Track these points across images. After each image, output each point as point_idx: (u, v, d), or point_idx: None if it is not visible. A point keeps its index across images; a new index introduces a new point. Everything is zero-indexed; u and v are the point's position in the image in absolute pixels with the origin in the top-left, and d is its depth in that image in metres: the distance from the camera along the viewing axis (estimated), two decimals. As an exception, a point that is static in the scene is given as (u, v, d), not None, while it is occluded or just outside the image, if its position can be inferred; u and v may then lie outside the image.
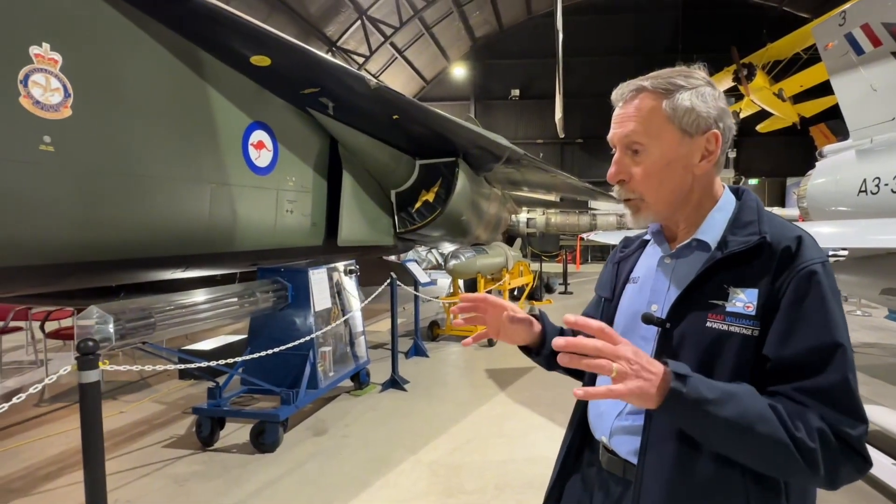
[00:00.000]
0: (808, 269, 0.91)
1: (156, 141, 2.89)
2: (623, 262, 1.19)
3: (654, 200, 1.01)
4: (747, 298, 0.92)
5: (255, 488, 3.15)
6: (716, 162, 1.01)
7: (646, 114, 0.98)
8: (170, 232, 3.06)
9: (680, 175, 0.99)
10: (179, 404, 4.61)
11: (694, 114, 0.96)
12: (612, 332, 0.86)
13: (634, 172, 1.00)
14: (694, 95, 0.97)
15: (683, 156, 0.98)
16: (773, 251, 0.94)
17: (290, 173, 4.07)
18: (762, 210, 1.02)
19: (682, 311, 0.98)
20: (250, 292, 3.79)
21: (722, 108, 1.00)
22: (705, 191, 1.03)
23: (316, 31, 15.79)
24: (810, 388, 0.86)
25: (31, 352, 6.16)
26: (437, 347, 6.63)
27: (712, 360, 0.93)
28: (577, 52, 20.01)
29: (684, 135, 0.97)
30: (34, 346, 6.07)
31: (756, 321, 0.91)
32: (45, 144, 2.34)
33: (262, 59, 3.40)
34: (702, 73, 1.01)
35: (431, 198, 5.47)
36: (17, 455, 3.66)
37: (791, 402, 0.86)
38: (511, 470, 3.36)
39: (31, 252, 2.43)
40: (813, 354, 0.87)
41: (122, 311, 2.74)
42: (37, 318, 5.46)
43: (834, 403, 0.85)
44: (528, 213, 12.66)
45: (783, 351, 0.88)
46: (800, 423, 0.84)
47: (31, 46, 2.27)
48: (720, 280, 0.95)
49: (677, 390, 0.83)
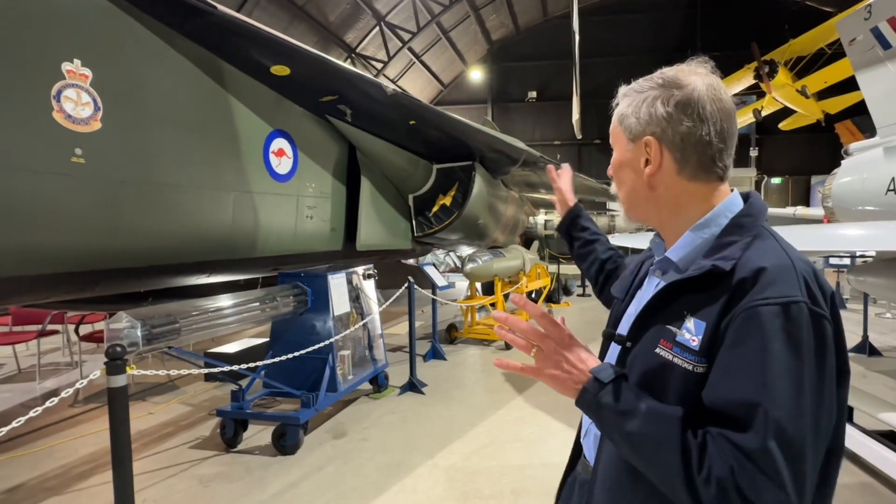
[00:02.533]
0: (756, 309, 0.80)
1: (181, 151, 2.97)
2: (646, 262, 1.16)
3: (621, 198, 1.06)
4: (694, 331, 0.86)
5: (276, 490, 3.21)
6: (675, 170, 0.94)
7: (614, 116, 1.04)
8: (195, 239, 3.14)
9: (632, 178, 1.01)
10: (205, 406, 4.73)
11: (629, 119, 0.98)
12: (551, 318, 0.95)
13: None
14: (633, 100, 0.97)
15: (630, 160, 1.00)
16: (729, 282, 0.84)
17: (309, 180, 4.14)
18: (755, 227, 0.91)
19: (640, 332, 0.95)
20: (271, 297, 3.87)
21: (660, 115, 0.92)
22: (673, 201, 0.97)
23: (335, 39, 16.01)
24: (733, 441, 0.78)
25: (66, 353, 6.39)
26: (454, 351, 6.66)
27: (656, 387, 0.89)
28: (594, 53, 19.90)
29: (628, 139, 1.00)
30: (69, 349, 6.30)
31: (700, 357, 0.85)
32: (77, 157, 2.43)
33: (282, 69, 3.47)
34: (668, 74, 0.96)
35: (448, 202, 5.50)
36: (53, 454, 3.80)
37: (719, 447, 0.79)
38: (528, 476, 3.36)
39: (64, 260, 2.52)
40: (736, 409, 0.79)
41: (150, 317, 2.83)
42: (72, 322, 5.69)
43: (752, 466, 0.76)
44: (545, 214, 12.60)
45: (712, 395, 0.82)
46: (707, 468, 0.78)
47: (63, 63, 2.37)
48: (681, 304, 0.90)
49: (587, 390, 0.90)
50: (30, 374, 5.70)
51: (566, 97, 15.15)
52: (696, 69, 0.97)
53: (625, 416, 0.85)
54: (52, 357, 6.35)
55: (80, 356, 5.67)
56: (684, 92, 0.93)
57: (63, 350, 6.49)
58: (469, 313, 7.36)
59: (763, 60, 13.60)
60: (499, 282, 7.11)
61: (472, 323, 7.33)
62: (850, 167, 4.78)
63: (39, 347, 5.59)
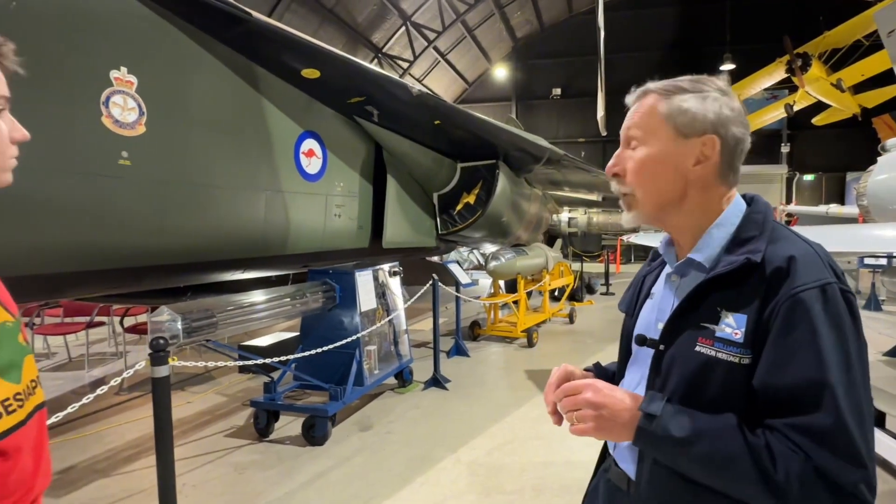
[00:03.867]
0: (798, 295, 0.84)
1: (218, 152, 3.11)
2: (648, 276, 1.18)
3: (642, 197, 1.00)
4: (736, 324, 0.89)
5: (306, 479, 3.33)
6: (718, 171, 0.97)
7: (645, 111, 0.99)
8: (230, 237, 3.28)
9: (670, 176, 0.98)
10: (239, 397, 4.89)
11: (689, 115, 0.95)
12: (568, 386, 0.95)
13: (629, 167, 1.01)
14: (694, 98, 0.96)
15: (674, 156, 0.97)
16: (763, 273, 0.88)
17: (338, 179, 4.25)
18: (768, 223, 0.96)
19: (674, 334, 0.96)
20: (301, 293, 4.00)
21: (727, 116, 0.96)
22: (703, 201, 0.99)
23: (363, 39, 16.23)
24: (802, 426, 0.81)
25: (112, 344, 6.72)
26: (477, 347, 6.71)
27: (700, 386, 0.91)
28: (620, 49, 19.61)
29: (678, 135, 0.96)
30: (115, 339, 6.62)
31: (745, 349, 0.88)
32: (123, 159, 2.58)
33: (312, 72, 3.58)
34: (717, 82, 0.99)
35: (472, 200, 5.57)
36: (102, 439, 4.01)
37: (783, 440, 0.82)
38: (549, 473, 3.39)
39: (111, 257, 2.68)
40: (802, 392, 0.82)
41: (189, 311, 2.98)
42: (117, 314, 6.00)
43: (828, 445, 0.80)
44: (569, 212, 12.54)
45: (771, 384, 0.85)
46: (782, 467, 0.81)
47: (111, 70, 2.52)
48: (712, 302, 0.92)
49: (644, 429, 0.88)
50: (79, 362, 5.99)
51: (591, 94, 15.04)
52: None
53: (687, 443, 0.85)
54: (98, 347, 6.67)
55: (124, 347, 6.00)
56: (736, 100, 0.98)
57: (109, 341, 6.83)
58: (492, 311, 7.41)
59: (796, 53, 13.24)
60: (521, 279, 7.15)
61: (495, 320, 7.39)
62: (887, 164, 4.66)
63: (88, 338, 5.89)
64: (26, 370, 0.90)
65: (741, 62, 17.25)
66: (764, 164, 19.12)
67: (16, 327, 0.91)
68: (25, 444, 0.85)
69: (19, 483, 0.84)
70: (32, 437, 0.88)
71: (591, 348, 6.69)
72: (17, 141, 0.87)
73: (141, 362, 2.56)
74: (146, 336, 3.21)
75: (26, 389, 0.88)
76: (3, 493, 0.81)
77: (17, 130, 0.87)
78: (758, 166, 18.62)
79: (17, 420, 0.84)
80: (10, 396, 0.84)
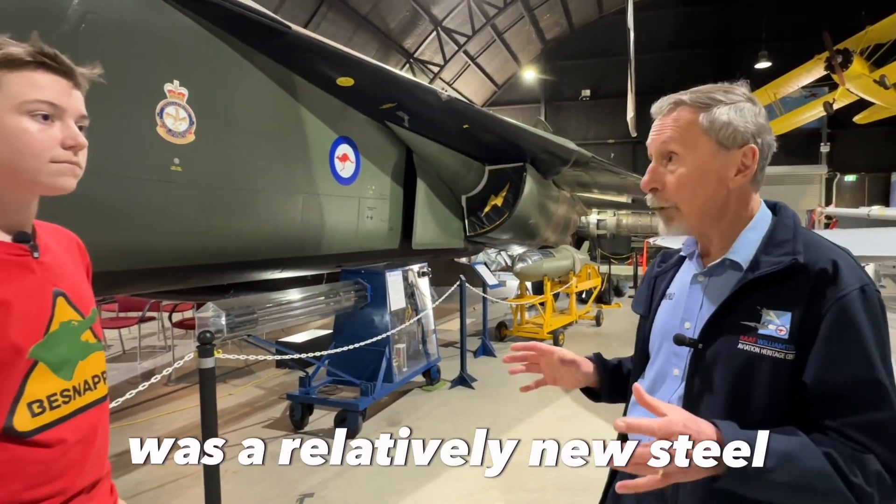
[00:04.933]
0: (847, 298, 0.89)
1: (259, 158, 3.30)
2: (660, 277, 1.19)
3: (687, 210, 1.02)
4: (780, 322, 0.91)
5: (337, 470, 3.45)
6: (753, 178, 1.01)
7: (683, 125, 0.99)
8: (269, 237, 3.47)
9: (714, 187, 1.00)
10: (276, 390, 5.12)
11: (731, 128, 0.97)
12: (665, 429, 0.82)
13: (668, 181, 1.01)
14: (732, 110, 0.98)
15: (717, 168, 0.98)
16: (808, 274, 0.92)
17: (370, 182, 4.41)
18: (799, 228, 1.00)
19: (714, 332, 0.98)
20: (335, 292, 4.17)
21: (761, 125, 1.00)
22: (740, 207, 1.02)
23: (395, 45, 16.54)
24: (862, 424, 0.84)
25: (161, 338, 7.10)
26: (504, 348, 6.76)
27: (745, 382, 0.93)
28: (651, 48, 19.30)
29: (720, 147, 0.98)
30: (164, 334, 7.00)
31: (790, 345, 0.90)
32: (175, 165, 2.78)
33: (347, 80, 3.74)
34: (743, 90, 1.02)
35: (500, 202, 5.66)
36: (152, 426, 4.29)
37: (845, 441, 0.84)
38: (571, 473, 3.36)
39: (162, 256, 2.89)
40: (857, 388, 0.86)
41: (232, 307, 3.17)
42: (166, 310, 6.36)
43: (889, 442, 0.84)
44: (598, 214, 12.46)
45: (825, 380, 0.87)
46: (856, 469, 0.82)
47: (165, 84, 2.72)
48: (753, 302, 0.95)
49: (736, 469, 0.81)
50: (132, 355, 6.36)
51: (621, 94, 14.89)
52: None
53: (775, 471, 0.82)
54: (148, 341, 7.05)
55: (172, 341, 6.37)
56: (762, 106, 1.02)
57: (158, 335, 7.25)
58: (519, 312, 7.47)
59: (836, 50, 12.84)
60: (548, 281, 7.19)
61: (522, 322, 7.44)
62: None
63: (140, 332, 6.26)
64: (85, 367, 0.96)
65: (777, 60, 16.78)
66: (801, 165, 18.53)
67: (82, 326, 0.97)
68: (71, 437, 0.91)
69: (63, 470, 0.90)
70: (84, 430, 0.94)
71: (617, 351, 6.60)
72: (69, 147, 0.90)
73: (188, 355, 2.75)
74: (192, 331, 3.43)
75: (81, 385, 0.94)
76: (46, 479, 0.87)
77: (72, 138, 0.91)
78: (795, 167, 18.04)
79: (61, 414, 0.90)
80: (57, 392, 0.90)
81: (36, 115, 0.86)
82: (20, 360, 0.85)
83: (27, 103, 0.85)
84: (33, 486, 0.86)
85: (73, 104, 0.91)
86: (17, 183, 0.88)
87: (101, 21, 2.38)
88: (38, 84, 0.86)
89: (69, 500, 0.90)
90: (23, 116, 0.85)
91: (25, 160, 0.86)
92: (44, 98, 0.87)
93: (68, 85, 0.90)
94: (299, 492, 3.21)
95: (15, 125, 0.85)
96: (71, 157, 0.90)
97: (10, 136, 0.85)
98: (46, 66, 0.87)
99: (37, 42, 0.87)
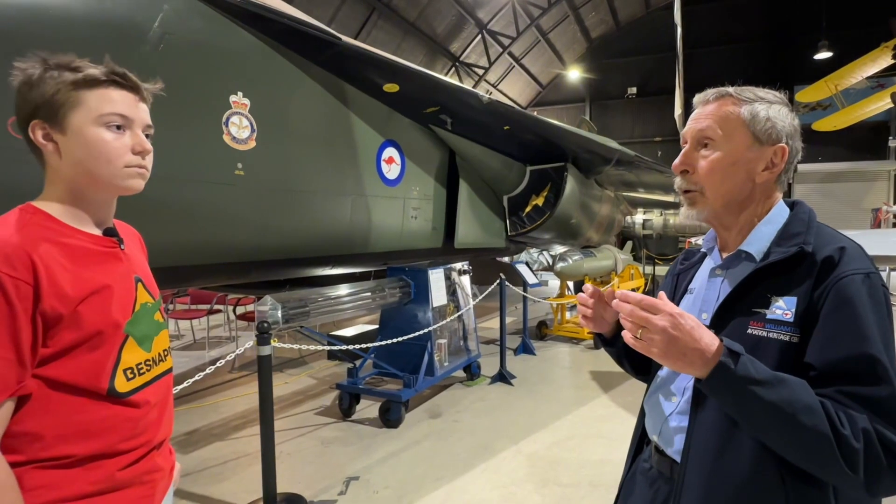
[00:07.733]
0: (847, 279, 0.92)
1: (312, 162, 3.54)
2: (683, 274, 1.24)
3: (712, 195, 1.05)
4: (786, 306, 0.95)
5: (381, 457, 3.66)
6: (778, 177, 1.06)
7: (724, 114, 1.04)
8: (321, 236, 3.71)
9: (741, 178, 1.04)
10: (327, 380, 5.42)
11: (769, 123, 1.02)
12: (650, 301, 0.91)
13: (700, 165, 1.05)
14: (773, 108, 1.03)
15: (749, 160, 1.03)
16: (814, 261, 0.96)
17: (414, 183, 4.60)
18: (813, 222, 1.04)
19: (725, 319, 1.01)
20: (380, 288, 4.38)
21: (795, 128, 1.04)
22: (761, 202, 1.07)
23: (442, 49, 16.82)
24: (858, 394, 0.86)
25: (227, 329, 7.67)
26: (544, 346, 6.83)
27: None
28: (700, 43, 18.75)
29: (755, 141, 1.02)
30: (229, 325, 7.57)
31: (794, 328, 0.93)
32: (238, 170, 3.04)
33: (393, 87, 3.93)
34: (781, 95, 1.07)
35: (541, 202, 5.71)
36: (217, 409, 4.66)
37: (839, 404, 0.87)
38: (606, 471, 3.42)
39: (227, 252, 3.16)
40: (856, 364, 0.87)
41: (288, 301, 3.42)
42: (231, 304, 6.85)
43: (883, 414, 0.85)
44: (643, 213, 12.23)
45: (824, 358, 0.90)
46: (846, 421, 0.84)
47: (231, 95, 2.98)
48: (762, 289, 0.99)
49: (726, 364, 0.87)
50: (201, 344, 6.88)
51: (668, 91, 14.54)
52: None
53: (767, 385, 0.86)
54: (216, 332, 7.61)
55: (236, 332, 6.91)
56: (795, 114, 1.07)
57: (224, 326, 7.83)
58: (559, 311, 7.49)
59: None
60: (589, 281, 7.18)
61: (562, 321, 7.46)
62: None
63: (208, 323, 6.79)
64: (158, 342, 1.12)
65: (839, 49, 15.93)
66: (866, 160, 17.47)
67: (155, 307, 1.13)
68: (152, 399, 1.08)
69: (146, 427, 1.06)
70: (160, 395, 1.11)
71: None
72: (137, 152, 1.02)
73: (249, 342, 3.01)
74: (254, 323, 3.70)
75: (157, 357, 1.11)
76: (134, 433, 1.03)
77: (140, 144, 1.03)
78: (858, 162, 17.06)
79: (145, 380, 1.07)
80: (142, 361, 1.07)
81: (111, 125, 0.99)
82: (118, 334, 1.02)
83: (103, 116, 0.99)
84: (127, 439, 1.02)
85: (141, 115, 1.04)
86: (97, 185, 1.01)
87: (177, 41, 2.65)
88: (112, 99, 0.99)
89: (148, 452, 1.07)
90: (100, 128, 0.99)
91: (103, 165, 0.99)
92: (117, 111, 0.99)
93: (136, 99, 1.03)
94: (346, 474, 3.42)
95: (95, 135, 0.98)
96: (140, 161, 1.03)
97: (91, 145, 0.98)
98: (117, 83, 1.01)
99: (109, 63, 1.01)
